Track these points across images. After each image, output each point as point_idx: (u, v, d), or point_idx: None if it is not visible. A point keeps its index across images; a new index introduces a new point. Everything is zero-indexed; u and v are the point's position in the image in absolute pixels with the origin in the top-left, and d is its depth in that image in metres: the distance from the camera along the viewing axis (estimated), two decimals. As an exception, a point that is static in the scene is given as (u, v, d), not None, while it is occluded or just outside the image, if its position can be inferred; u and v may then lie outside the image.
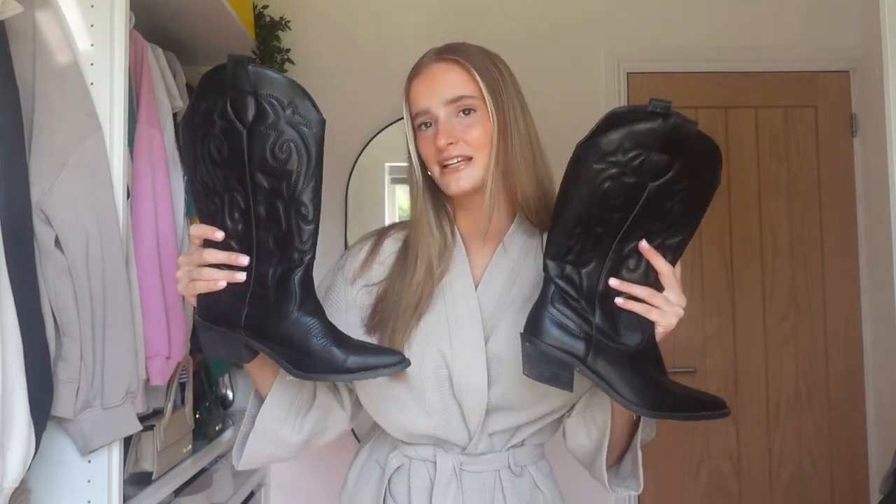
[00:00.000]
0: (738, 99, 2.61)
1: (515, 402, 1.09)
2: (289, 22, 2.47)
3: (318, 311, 0.96)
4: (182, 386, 1.82)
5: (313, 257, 0.94)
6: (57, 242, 1.21)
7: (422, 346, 1.07)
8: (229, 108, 0.88)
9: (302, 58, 2.52)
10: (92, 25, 1.32)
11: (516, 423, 1.11)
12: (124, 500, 1.38)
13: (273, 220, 0.91)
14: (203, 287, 0.93)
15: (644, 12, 2.61)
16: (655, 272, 0.94)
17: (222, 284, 0.92)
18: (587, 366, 0.94)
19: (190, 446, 1.82)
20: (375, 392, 1.11)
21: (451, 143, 1.04)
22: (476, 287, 1.10)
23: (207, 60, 2.37)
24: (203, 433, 1.97)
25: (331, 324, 0.96)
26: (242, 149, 0.88)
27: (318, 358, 0.93)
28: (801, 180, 2.60)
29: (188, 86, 1.91)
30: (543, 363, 0.95)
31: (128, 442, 1.54)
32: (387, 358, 0.95)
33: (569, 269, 0.95)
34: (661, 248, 0.93)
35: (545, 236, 1.03)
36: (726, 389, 2.55)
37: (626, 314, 0.94)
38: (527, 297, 1.08)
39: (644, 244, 0.92)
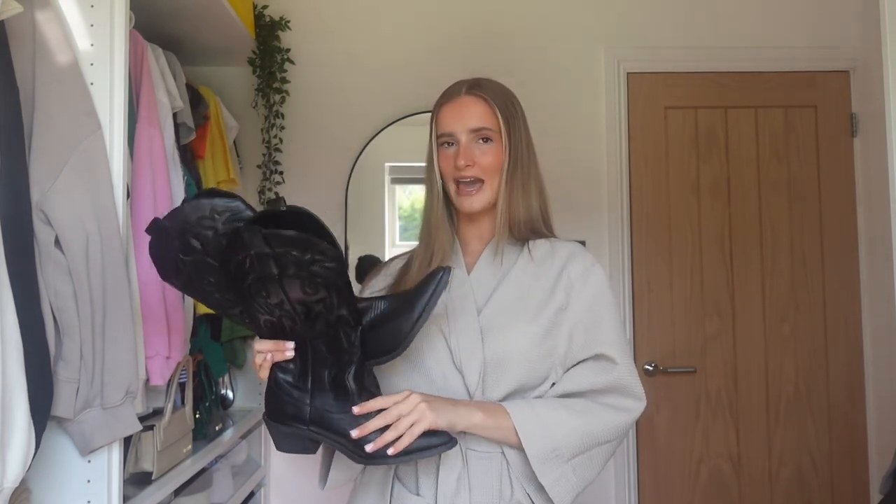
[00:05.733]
0: (738, 99, 2.61)
1: (504, 358, 1.22)
2: (289, 22, 2.47)
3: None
4: (182, 386, 1.81)
5: (363, 355, 1.10)
6: (57, 242, 1.21)
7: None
8: (257, 266, 0.99)
9: (302, 58, 2.52)
10: (92, 25, 1.32)
11: (507, 389, 1.22)
12: (124, 500, 1.38)
13: (322, 334, 1.07)
14: (264, 365, 1.12)
15: (644, 13, 2.61)
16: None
17: (269, 358, 1.10)
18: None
19: (190, 446, 1.82)
20: (385, 370, 1.24)
21: (469, 166, 1.24)
22: (469, 274, 1.30)
23: (207, 60, 2.38)
24: (203, 433, 1.97)
25: None
26: (280, 293, 1.01)
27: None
28: (801, 180, 2.60)
29: (188, 86, 1.91)
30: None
31: (128, 442, 1.54)
32: (436, 439, 1.10)
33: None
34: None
35: (529, 244, 1.28)
36: (726, 389, 2.55)
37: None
38: (503, 281, 1.28)
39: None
